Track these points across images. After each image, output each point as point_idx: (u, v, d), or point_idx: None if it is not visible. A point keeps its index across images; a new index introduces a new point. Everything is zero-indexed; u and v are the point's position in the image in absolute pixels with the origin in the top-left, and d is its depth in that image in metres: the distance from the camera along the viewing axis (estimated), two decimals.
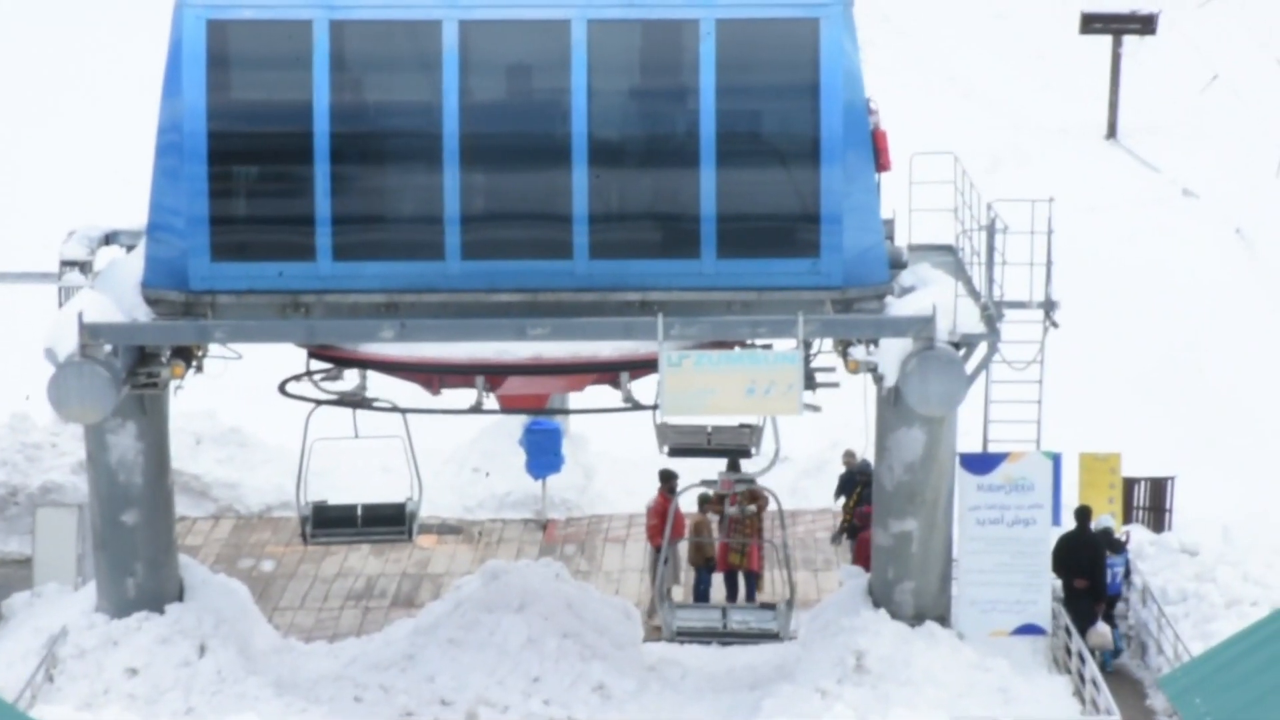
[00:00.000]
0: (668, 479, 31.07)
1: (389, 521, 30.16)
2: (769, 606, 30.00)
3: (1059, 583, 29.73)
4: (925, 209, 28.89)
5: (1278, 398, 38.86)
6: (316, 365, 29.56)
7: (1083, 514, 29.99)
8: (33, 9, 50.56)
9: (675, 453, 30.20)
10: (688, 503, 31.38)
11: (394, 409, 29.60)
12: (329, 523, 30.04)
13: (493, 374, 28.42)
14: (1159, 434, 34.88)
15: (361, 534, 30.32)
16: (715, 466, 31.11)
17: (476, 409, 28.84)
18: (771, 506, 30.43)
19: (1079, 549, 29.69)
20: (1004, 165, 43.97)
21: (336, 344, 28.45)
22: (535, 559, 31.78)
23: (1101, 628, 29.66)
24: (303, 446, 29.97)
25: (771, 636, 29.71)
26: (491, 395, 28.81)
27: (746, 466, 31.29)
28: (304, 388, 29.77)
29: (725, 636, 29.96)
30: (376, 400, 29.66)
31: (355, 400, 29.47)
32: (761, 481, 29.85)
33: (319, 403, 29.47)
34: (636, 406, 28.70)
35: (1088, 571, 29.68)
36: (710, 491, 31.00)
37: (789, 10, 27.25)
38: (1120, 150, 50.86)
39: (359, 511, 30.12)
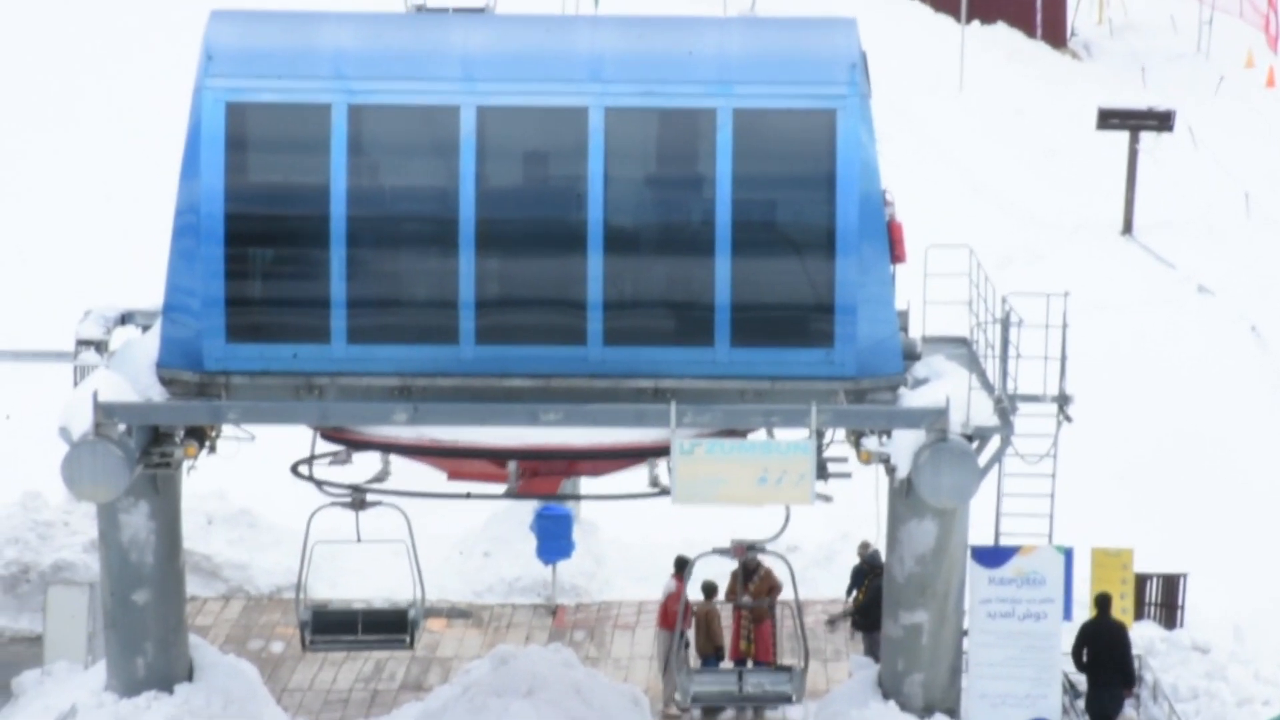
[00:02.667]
0: (682, 566, 30.74)
1: (391, 629, 29.75)
2: (784, 669, 29.60)
3: (1076, 674, 29.50)
4: (940, 301, 28.74)
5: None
6: (326, 447, 29.32)
7: (1103, 601, 29.59)
8: (50, 86, 50.71)
9: (699, 700, 29.77)
10: (694, 591, 31.11)
11: (399, 501, 29.37)
12: (329, 628, 29.64)
13: (522, 459, 28.22)
14: (1172, 530, 34.62)
15: (362, 642, 29.90)
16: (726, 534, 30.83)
17: (510, 494, 28.73)
18: (785, 595, 30.16)
19: (1101, 634, 29.29)
20: (1018, 259, 43.76)
21: (349, 426, 28.22)
22: (544, 644, 31.43)
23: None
24: (303, 549, 29.77)
25: (785, 699, 29.44)
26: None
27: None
28: (318, 470, 29.50)
29: (741, 700, 29.73)
30: (379, 501, 29.43)
31: (358, 502, 29.26)
32: (771, 547, 29.60)
33: (321, 506, 29.28)
34: (644, 495, 28.53)
35: (1117, 658, 29.33)
36: (716, 583, 30.74)
37: (806, 101, 27.18)
38: (1136, 246, 50.80)
39: (360, 618, 29.77)
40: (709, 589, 30.76)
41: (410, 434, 27.88)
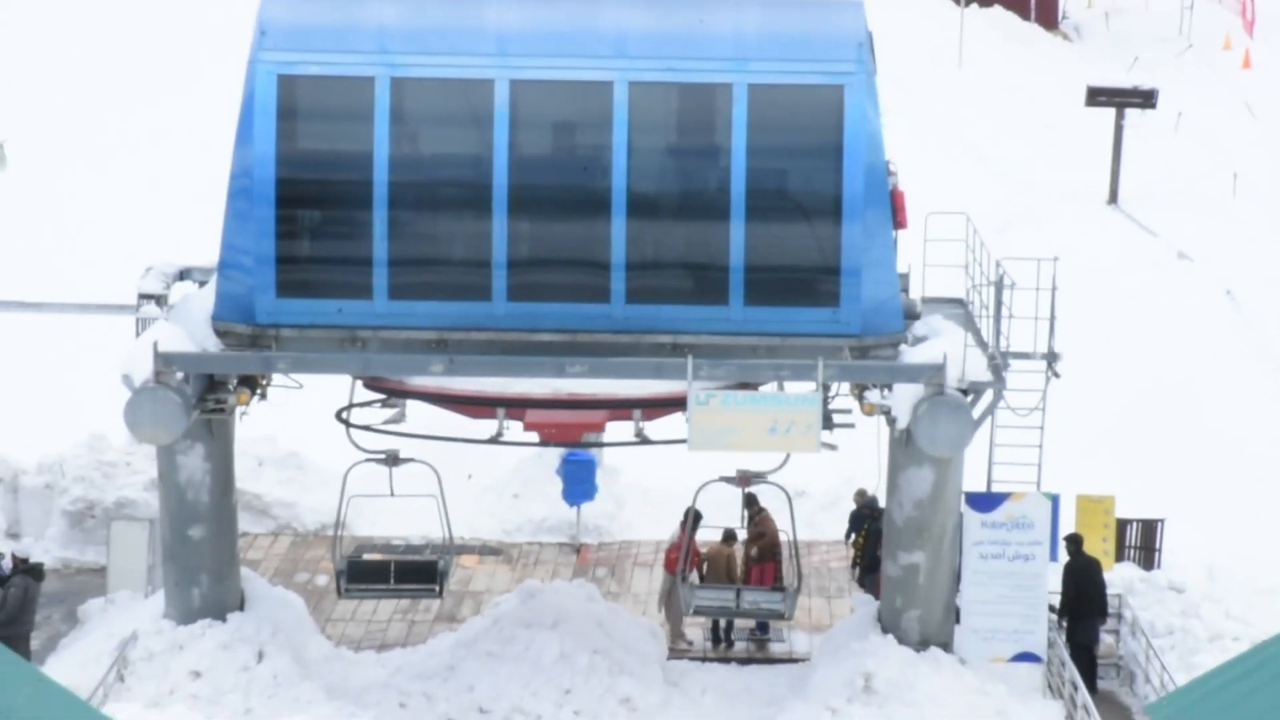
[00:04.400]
0: (693, 519, 30.72)
1: (421, 578, 29.62)
2: (779, 589, 29.74)
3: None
4: (938, 265, 28.90)
5: (1262, 447, 38.64)
6: (365, 395, 29.62)
7: (1076, 540, 29.96)
8: (112, 57, 50.61)
9: (700, 613, 29.93)
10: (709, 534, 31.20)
11: (429, 459, 29.50)
12: (363, 577, 29.51)
13: (523, 407, 28.46)
14: (1151, 479, 34.68)
15: (394, 590, 29.80)
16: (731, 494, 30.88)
17: (496, 439, 28.91)
18: (782, 523, 30.24)
19: (1077, 572, 29.68)
20: (1012, 226, 43.76)
21: (389, 376, 28.41)
22: (569, 580, 31.69)
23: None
24: (339, 502, 29.82)
25: (778, 615, 29.53)
26: (511, 425, 28.86)
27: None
28: (361, 419, 29.71)
29: (738, 614, 29.87)
30: (412, 459, 29.50)
31: (392, 458, 29.35)
32: (773, 478, 29.61)
33: (356, 462, 29.36)
34: (663, 441, 28.53)
35: (1092, 592, 29.70)
36: (735, 531, 30.85)
37: (816, 77, 27.21)
38: (1120, 215, 50.79)
39: (392, 568, 29.65)
40: (729, 535, 30.83)
41: (435, 383, 28.09)
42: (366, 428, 29.42)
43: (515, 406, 28.55)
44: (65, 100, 48.62)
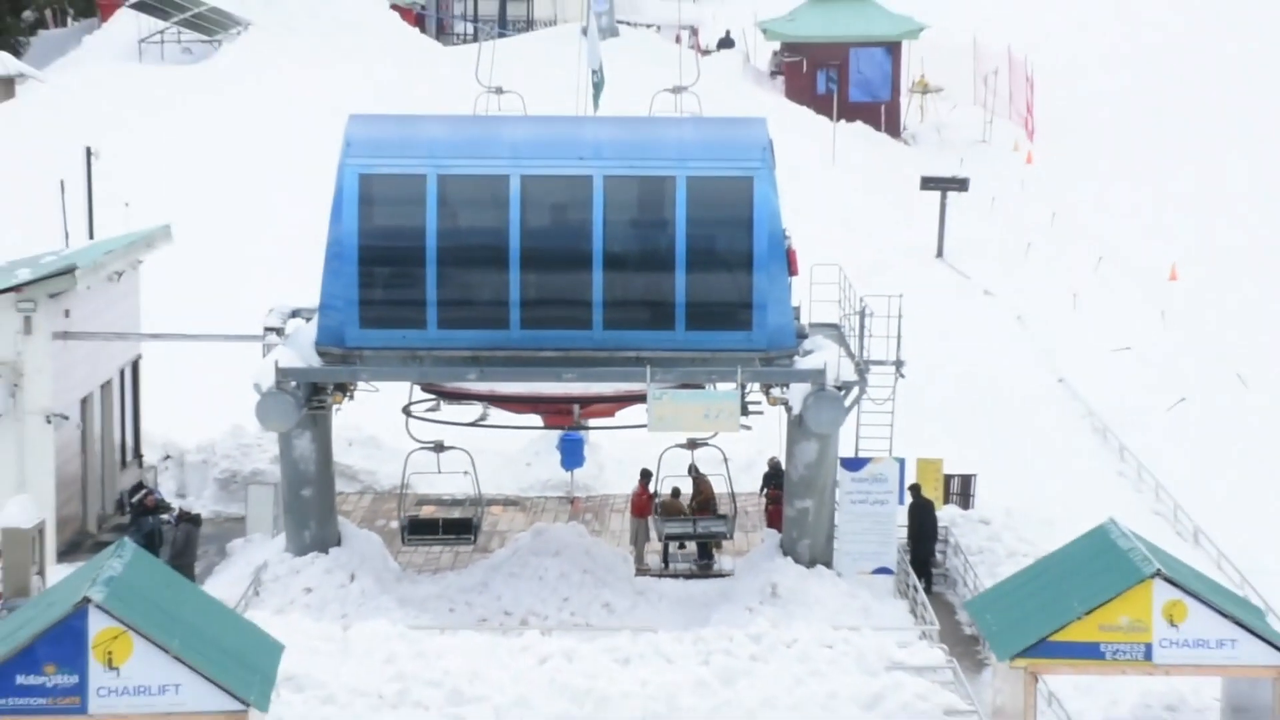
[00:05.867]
0: (646, 476, 30.65)
1: (460, 531, 29.58)
2: (721, 517, 29.79)
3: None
4: (820, 300, 29.01)
5: (1043, 424, 38.60)
6: (425, 396, 29.54)
7: (916, 488, 29.79)
8: (245, 157, 50.52)
9: (674, 536, 29.84)
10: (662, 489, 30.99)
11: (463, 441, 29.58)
12: (419, 531, 29.46)
13: (534, 403, 28.61)
14: (967, 447, 34.57)
15: (442, 541, 29.68)
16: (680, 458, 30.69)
17: (477, 422, 29.56)
18: (718, 477, 30.16)
19: (916, 510, 29.59)
20: (869, 274, 43.51)
21: (439, 383, 28.36)
22: (566, 523, 31.33)
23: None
24: (402, 478, 29.93)
25: (722, 534, 29.66)
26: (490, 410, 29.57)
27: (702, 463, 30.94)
28: (421, 413, 29.54)
29: (695, 536, 29.85)
30: (454, 447, 29.45)
31: (438, 446, 29.30)
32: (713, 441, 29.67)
33: (413, 450, 29.40)
34: (630, 426, 28.55)
35: (928, 524, 29.62)
36: (680, 488, 30.62)
37: (733, 170, 27.20)
38: (944, 265, 50.79)
39: (440, 525, 29.57)
40: (675, 492, 30.60)
41: (485, 388, 28.17)
42: (420, 418, 29.41)
43: (542, 403, 28.75)
44: (216, 189, 48.38)
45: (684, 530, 29.90)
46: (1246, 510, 34.27)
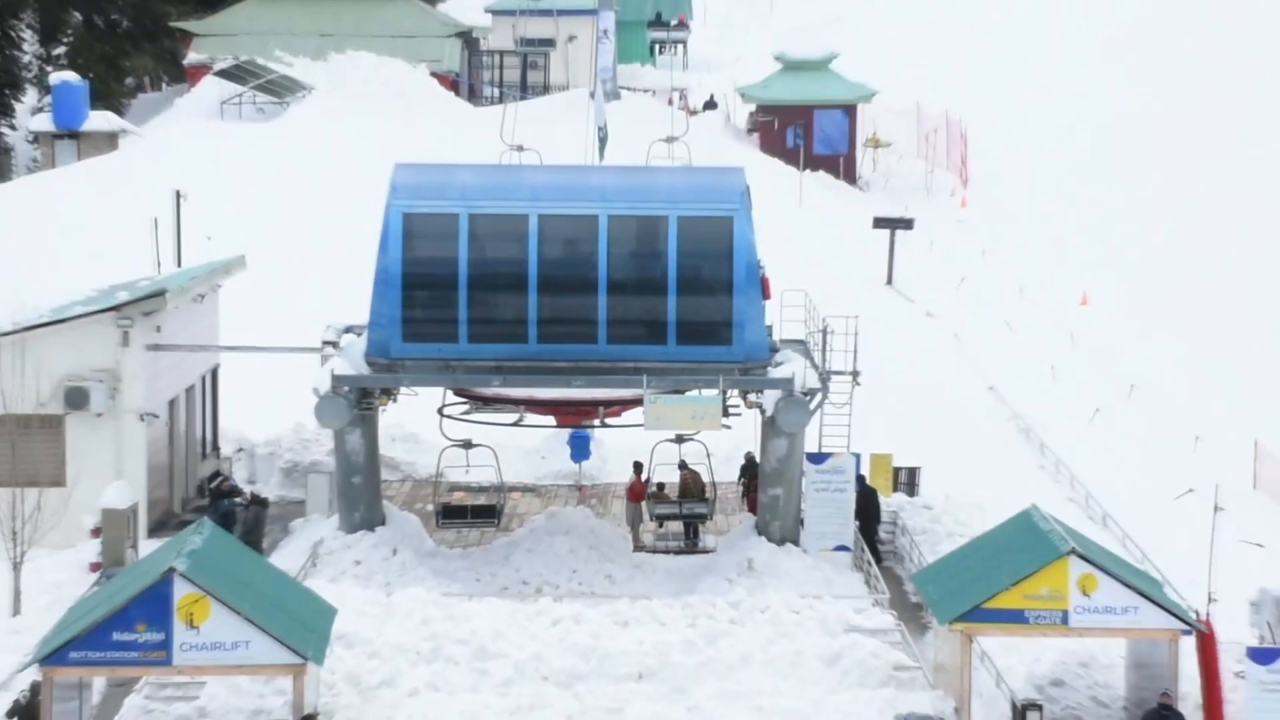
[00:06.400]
0: (639, 468, 30.44)
1: (487, 515, 29.36)
2: (704, 500, 29.56)
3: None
4: (789, 320, 28.67)
5: (974, 426, 38.35)
6: (456, 400, 29.13)
7: (862, 479, 29.36)
8: (298, 196, 50.35)
9: (662, 516, 29.67)
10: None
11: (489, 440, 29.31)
12: (451, 515, 29.22)
13: (542, 406, 28.15)
14: (912, 443, 34.21)
15: (470, 523, 29.40)
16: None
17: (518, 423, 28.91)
18: (704, 478, 29.80)
19: (866, 496, 29.11)
20: (830, 298, 43.17)
21: (469, 389, 28.03)
22: (574, 507, 30.99)
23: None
24: (436, 469, 29.72)
25: (704, 516, 29.45)
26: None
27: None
28: (455, 413, 29.13)
29: (681, 516, 29.59)
30: (480, 444, 29.21)
31: (466, 444, 28.99)
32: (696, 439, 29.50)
33: (445, 447, 29.11)
34: (629, 425, 28.33)
35: (874, 507, 29.07)
36: (665, 483, 30.20)
37: (716, 210, 26.97)
38: (893, 291, 50.54)
39: (469, 510, 29.34)
40: (661, 485, 30.32)
41: (507, 392, 27.75)
42: (451, 418, 29.05)
43: (543, 405, 28.26)
44: (283, 224, 48.15)
45: (671, 512, 29.67)
46: (1146, 497, 34.17)
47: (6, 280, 37.02)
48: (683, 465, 30.36)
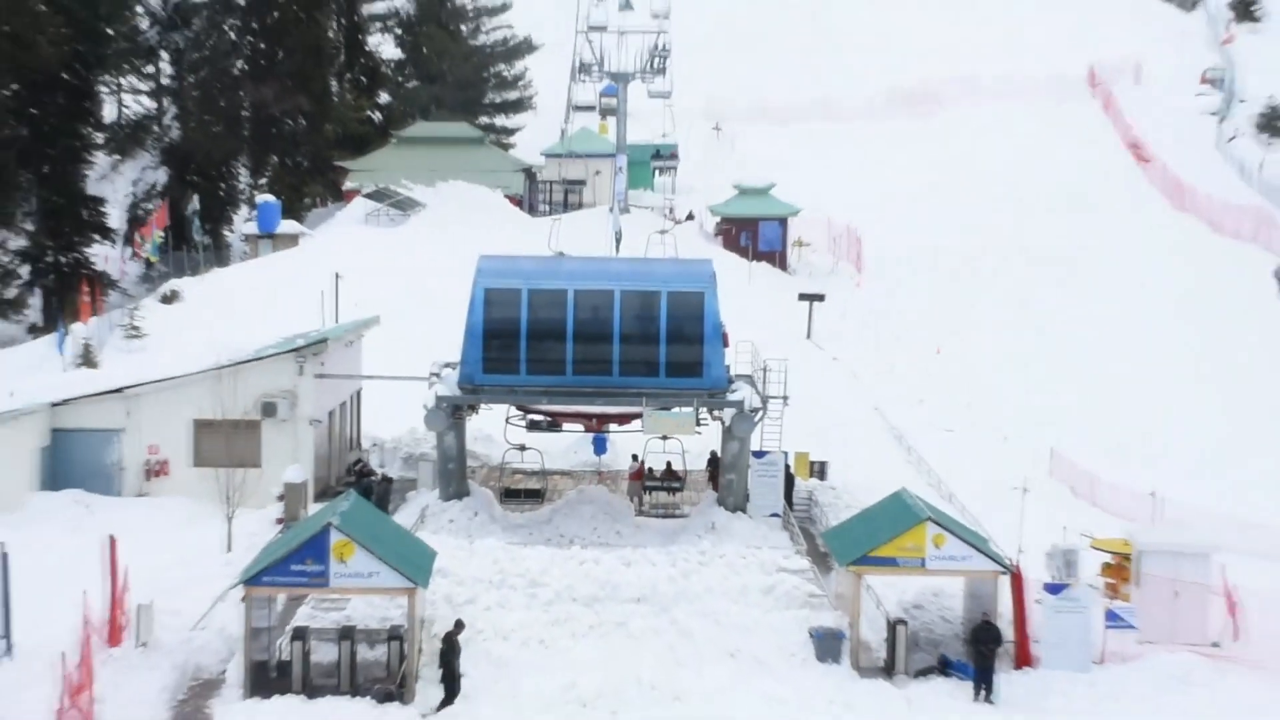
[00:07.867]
0: (635, 459, 30.41)
1: (535, 496, 29.20)
2: (679, 478, 29.47)
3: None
4: (741, 361, 28.78)
5: (864, 435, 38.47)
6: (519, 415, 28.95)
7: (788, 468, 29.07)
8: (409, 273, 50.28)
9: (651, 488, 29.44)
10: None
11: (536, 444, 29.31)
12: (510, 496, 29.07)
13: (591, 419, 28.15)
14: (823, 445, 34.33)
15: (524, 502, 29.18)
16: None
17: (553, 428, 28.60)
18: (678, 463, 29.82)
19: (789, 481, 28.89)
20: (767, 347, 43.34)
21: (527, 405, 27.93)
22: (595, 485, 30.83)
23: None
24: (501, 462, 29.81)
25: (679, 488, 29.23)
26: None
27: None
28: (517, 423, 28.97)
29: (664, 488, 29.38)
30: (531, 446, 29.23)
31: (520, 447, 28.99)
32: (676, 438, 29.10)
33: (507, 449, 29.19)
34: (632, 430, 28.30)
35: (791, 487, 28.85)
36: (653, 469, 30.14)
37: (693, 287, 26.95)
38: (810, 344, 50.52)
39: (523, 492, 29.14)
40: (650, 472, 30.15)
41: (551, 408, 27.58)
42: (514, 425, 28.86)
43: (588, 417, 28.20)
44: (405, 294, 47.93)
45: (658, 486, 29.58)
46: (978, 482, 34.17)
47: (226, 331, 37.33)
48: (669, 465, 30.34)
